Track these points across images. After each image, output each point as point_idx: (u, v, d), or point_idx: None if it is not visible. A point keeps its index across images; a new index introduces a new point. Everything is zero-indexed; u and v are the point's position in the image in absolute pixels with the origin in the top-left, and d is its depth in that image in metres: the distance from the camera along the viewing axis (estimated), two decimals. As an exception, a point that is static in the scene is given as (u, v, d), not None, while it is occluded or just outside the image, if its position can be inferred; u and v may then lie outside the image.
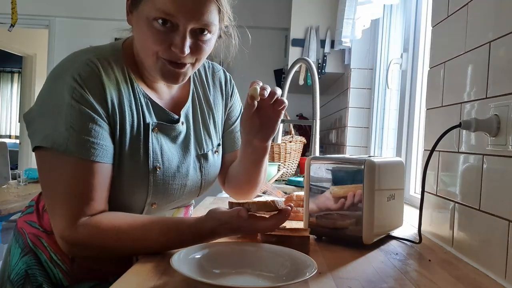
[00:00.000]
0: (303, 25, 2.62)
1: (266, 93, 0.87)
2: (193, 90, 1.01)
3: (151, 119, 0.89)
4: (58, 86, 0.80)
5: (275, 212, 0.81)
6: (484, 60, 0.84)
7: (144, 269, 0.71)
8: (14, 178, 3.01)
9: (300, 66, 2.49)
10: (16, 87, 8.32)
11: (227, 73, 1.13)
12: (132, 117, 0.87)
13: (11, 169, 3.26)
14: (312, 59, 2.51)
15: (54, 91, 0.81)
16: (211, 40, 0.86)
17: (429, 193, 1.08)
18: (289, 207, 0.81)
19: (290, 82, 1.72)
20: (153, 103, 0.91)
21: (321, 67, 2.57)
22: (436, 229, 1.04)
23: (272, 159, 2.33)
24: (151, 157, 0.88)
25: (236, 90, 1.14)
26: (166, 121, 0.92)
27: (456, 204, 0.94)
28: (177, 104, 0.97)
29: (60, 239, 0.79)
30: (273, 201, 0.80)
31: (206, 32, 0.83)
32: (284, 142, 2.32)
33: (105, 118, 0.82)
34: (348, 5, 2.07)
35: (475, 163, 0.87)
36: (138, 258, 0.91)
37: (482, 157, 0.84)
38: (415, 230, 1.03)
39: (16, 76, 8.32)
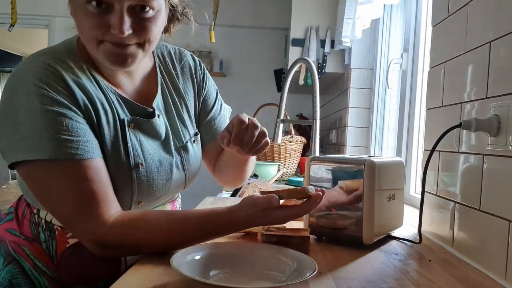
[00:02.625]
0: (303, 25, 2.62)
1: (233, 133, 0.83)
2: (161, 80, 0.96)
3: (125, 115, 0.85)
4: (22, 95, 0.75)
5: (306, 199, 0.81)
6: (484, 60, 0.84)
7: (144, 269, 0.71)
8: (14, 178, 3.01)
9: (300, 66, 2.49)
10: (16, 87, 8.32)
11: (196, 58, 1.06)
12: (107, 114, 0.83)
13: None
14: (312, 59, 2.51)
15: (19, 102, 0.75)
16: (156, 17, 0.80)
17: (429, 193, 1.08)
18: (320, 193, 0.80)
19: (290, 82, 1.71)
20: (123, 98, 0.87)
21: (321, 67, 2.57)
22: (436, 229, 1.04)
23: (272, 159, 2.33)
24: (132, 154, 0.84)
25: (208, 75, 1.07)
26: (141, 116, 0.88)
27: (456, 204, 0.94)
28: (146, 97, 0.92)
29: (92, 244, 0.76)
30: (304, 188, 0.80)
31: (147, 8, 0.77)
32: (284, 142, 2.32)
33: (81, 115, 0.78)
34: (348, 5, 2.07)
35: (475, 163, 0.87)
36: (126, 261, 0.90)
37: (482, 157, 0.84)
38: (415, 230, 1.03)
39: (16, 76, 8.32)
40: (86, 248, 0.79)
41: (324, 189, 0.82)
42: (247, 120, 0.83)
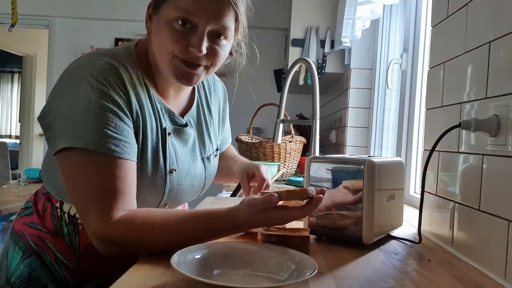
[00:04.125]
0: (303, 25, 2.62)
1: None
2: (197, 98, 1.06)
3: (166, 124, 0.93)
4: (82, 88, 0.80)
5: (307, 201, 0.81)
6: (484, 60, 0.84)
7: (144, 269, 0.71)
8: (14, 178, 3.01)
9: (300, 66, 2.49)
10: (16, 87, 8.32)
11: (224, 87, 1.21)
12: (151, 121, 0.89)
13: (11, 169, 3.26)
14: (312, 59, 2.51)
15: (78, 94, 0.80)
16: (226, 46, 0.89)
17: (429, 193, 1.08)
18: (321, 195, 0.81)
19: (290, 82, 1.71)
20: (166, 109, 0.94)
21: (321, 67, 2.57)
22: (436, 229, 1.04)
23: (272, 159, 2.33)
24: (168, 160, 0.91)
25: (227, 102, 1.21)
26: (178, 125, 0.96)
27: (456, 204, 0.94)
28: (181, 110, 1.01)
29: (96, 239, 0.79)
30: (304, 189, 0.80)
31: (222, 37, 0.87)
32: (284, 142, 2.32)
33: (131, 119, 0.84)
34: (348, 5, 2.07)
35: (475, 163, 0.87)
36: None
37: (482, 157, 0.84)
38: (415, 230, 1.03)
39: (16, 76, 8.32)
40: None
41: (325, 189, 0.82)
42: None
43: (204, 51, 0.84)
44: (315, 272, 0.63)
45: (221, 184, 2.14)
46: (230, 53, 0.98)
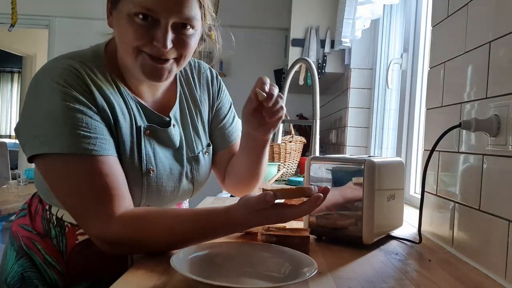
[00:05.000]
0: (303, 25, 2.62)
1: (267, 88, 0.87)
2: (180, 91, 1.00)
3: (142, 122, 0.89)
4: (45, 93, 0.79)
5: (305, 200, 0.78)
6: (484, 60, 0.84)
7: (144, 269, 0.71)
8: (14, 178, 3.01)
9: (300, 66, 2.49)
10: (16, 87, 8.33)
11: (214, 71, 1.11)
12: (124, 119, 0.86)
13: (11, 169, 3.26)
14: (312, 59, 2.51)
15: (42, 99, 0.79)
16: (194, 35, 0.85)
17: (429, 193, 1.08)
18: (321, 194, 0.76)
19: (290, 82, 1.72)
20: (142, 106, 0.90)
21: (321, 67, 2.57)
22: (436, 229, 1.04)
23: (272, 159, 2.33)
24: (144, 160, 0.88)
25: (224, 87, 1.12)
26: (157, 124, 0.91)
27: (456, 204, 0.94)
28: (164, 107, 0.96)
29: (99, 241, 0.78)
30: (301, 188, 0.77)
31: (188, 27, 0.83)
32: (284, 142, 2.32)
33: (99, 116, 0.81)
34: (348, 5, 2.07)
35: (475, 163, 0.87)
36: (133, 258, 0.92)
37: (482, 157, 0.84)
38: (415, 230, 1.03)
39: (16, 76, 8.32)
40: (94, 245, 0.80)
41: (328, 187, 0.78)
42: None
43: (170, 45, 0.81)
44: (315, 272, 0.63)
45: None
46: (203, 39, 0.94)
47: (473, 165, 0.87)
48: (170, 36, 0.80)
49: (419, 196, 0.95)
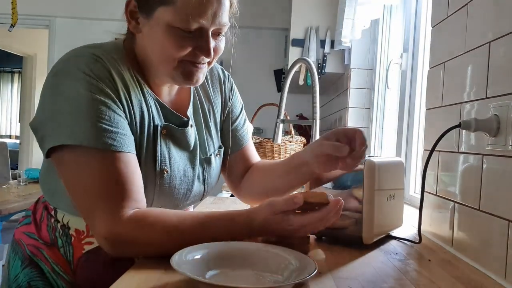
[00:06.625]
0: (303, 25, 2.62)
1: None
2: (193, 91, 0.99)
3: (159, 121, 0.87)
4: (69, 82, 0.77)
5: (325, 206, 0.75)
6: (484, 60, 0.84)
7: (144, 269, 0.71)
8: (14, 178, 3.01)
9: (300, 66, 2.49)
10: (16, 87, 8.33)
11: (226, 72, 1.10)
12: (142, 116, 0.84)
13: (11, 169, 3.25)
14: (312, 59, 2.51)
15: (66, 88, 0.77)
16: (224, 38, 0.87)
17: (429, 193, 1.08)
18: (339, 198, 0.75)
19: (290, 82, 1.71)
20: (161, 105, 0.89)
21: (321, 67, 2.57)
22: (436, 229, 1.04)
23: (272, 159, 2.33)
24: (159, 160, 0.86)
25: (235, 89, 1.11)
26: (175, 124, 0.90)
27: (456, 204, 0.94)
28: (180, 106, 0.95)
29: (105, 240, 0.74)
30: (323, 193, 0.75)
31: (223, 32, 0.85)
32: (284, 142, 2.32)
33: (122, 110, 0.80)
34: (348, 5, 2.07)
35: (474, 163, 0.87)
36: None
37: (482, 157, 0.84)
38: (415, 230, 1.03)
39: (16, 76, 8.32)
40: (101, 254, 0.78)
41: (340, 199, 0.75)
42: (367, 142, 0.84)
43: (213, 53, 0.82)
44: (315, 272, 0.63)
45: (221, 184, 2.13)
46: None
47: (472, 165, 0.88)
48: (212, 44, 0.82)
49: (419, 196, 0.95)
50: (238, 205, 1.11)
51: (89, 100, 0.75)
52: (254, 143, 2.32)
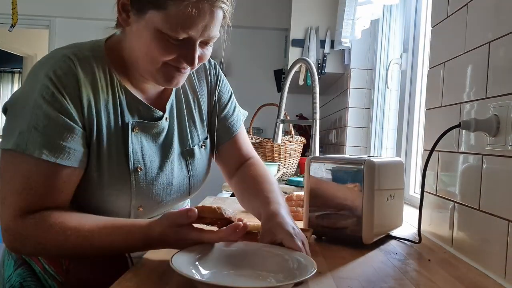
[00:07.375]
0: (303, 25, 2.62)
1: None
2: None
3: (131, 118, 0.86)
4: (31, 84, 0.79)
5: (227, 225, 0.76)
6: (484, 60, 0.84)
7: (144, 269, 0.71)
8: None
9: (300, 66, 2.49)
10: (16, 87, 8.32)
11: (212, 60, 1.06)
12: (109, 117, 0.83)
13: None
14: (312, 59, 2.51)
15: (25, 90, 0.79)
16: (211, 46, 0.87)
17: (429, 193, 1.08)
18: (240, 223, 0.75)
19: (290, 82, 1.72)
20: (137, 101, 0.88)
21: (321, 67, 2.57)
22: (436, 229, 1.04)
23: (272, 159, 2.33)
24: (131, 158, 0.85)
25: (222, 77, 1.08)
26: (149, 119, 0.89)
27: (456, 204, 0.94)
28: (162, 98, 0.94)
29: (5, 233, 0.76)
30: (218, 208, 0.76)
31: (211, 42, 0.85)
32: (284, 142, 2.32)
33: (77, 120, 0.79)
34: (348, 5, 2.07)
35: (474, 163, 0.87)
36: (132, 260, 0.90)
37: (482, 157, 0.84)
38: (415, 230, 1.03)
39: (16, 76, 8.32)
40: None
41: (241, 224, 0.75)
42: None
43: (197, 62, 0.82)
44: (314, 272, 0.64)
45: (221, 184, 2.13)
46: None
47: (472, 165, 0.88)
48: (197, 53, 0.82)
49: (419, 196, 0.95)
50: (238, 205, 1.11)
51: (35, 107, 0.76)
52: (254, 143, 2.33)
